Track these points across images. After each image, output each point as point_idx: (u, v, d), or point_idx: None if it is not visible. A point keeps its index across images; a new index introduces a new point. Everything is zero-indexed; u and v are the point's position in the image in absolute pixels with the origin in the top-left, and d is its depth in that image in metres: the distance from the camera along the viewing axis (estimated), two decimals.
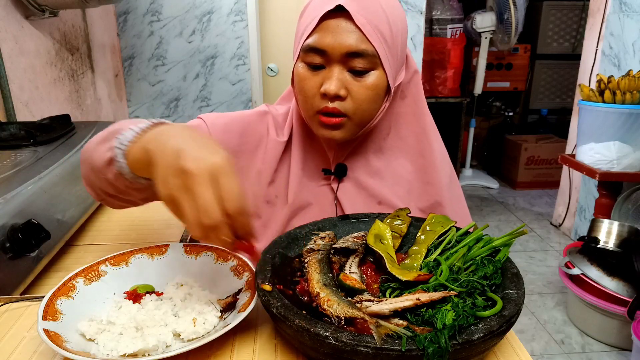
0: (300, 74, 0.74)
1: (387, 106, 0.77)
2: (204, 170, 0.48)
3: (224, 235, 0.49)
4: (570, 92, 4.22)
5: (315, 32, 0.70)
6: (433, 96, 3.38)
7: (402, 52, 0.77)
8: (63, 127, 1.29)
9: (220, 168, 0.49)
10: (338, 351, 0.46)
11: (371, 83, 0.72)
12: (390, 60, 0.73)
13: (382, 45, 0.70)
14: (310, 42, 0.71)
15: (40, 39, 1.87)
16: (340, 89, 0.70)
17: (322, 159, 0.83)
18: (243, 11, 2.77)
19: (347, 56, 0.70)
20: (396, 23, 0.73)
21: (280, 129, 0.86)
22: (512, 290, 0.54)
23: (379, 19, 0.70)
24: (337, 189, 0.82)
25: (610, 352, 1.97)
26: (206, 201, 0.47)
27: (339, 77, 0.71)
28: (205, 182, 0.48)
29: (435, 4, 3.37)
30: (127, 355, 0.51)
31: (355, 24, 0.68)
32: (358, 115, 0.73)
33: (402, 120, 0.85)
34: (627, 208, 2.17)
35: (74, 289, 0.60)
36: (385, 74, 0.72)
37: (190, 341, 0.54)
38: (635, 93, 1.91)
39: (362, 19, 0.68)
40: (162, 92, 2.90)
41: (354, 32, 0.69)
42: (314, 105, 0.73)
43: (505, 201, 3.64)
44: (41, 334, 0.50)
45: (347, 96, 0.72)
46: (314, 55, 0.71)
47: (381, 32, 0.70)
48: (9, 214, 0.80)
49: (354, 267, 0.61)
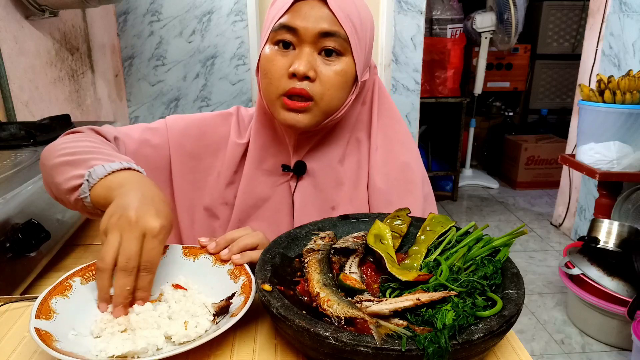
0: (267, 56, 0.73)
1: (353, 99, 0.77)
2: (141, 226, 0.57)
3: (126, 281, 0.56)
4: (570, 92, 4.22)
5: (287, 14, 0.71)
6: (433, 96, 3.38)
7: (369, 51, 0.77)
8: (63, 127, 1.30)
9: (153, 231, 0.57)
10: (338, 351, 0.46)
11: (341, 69, 0.72)
12: (359, 50, 0.73)
13: (353, 33, 0.71)
14: (282, 22, 0.71)
15: (40, 39, 1.87)
16: (310, 69, 0.70)
17: (283, 155, 0.83)
18: (243, 11, 2.77)
19: (319, 36, 0.70)
20: (365, 20, 0.74)
21: (244, 130, 0.86)
22: (512, 290, 0.54)
23: (351, 9, 0.72)
24: (294, 188, 0.82)
25: (610, 352, 1.97)
26: (130, 247, 0.56)
27: (309, 59, 0.70)
28: (136, 235, 0.56)
29: (435, 4, 3.36)
30: (116, 356, 0.51)
31: (329, 9, 0.70)
32: (325, 101, 0.73)
33: (360, 127, 0.84)
34: (627, 208, 2.17)
35: (70, 288, 0.60)
36: (354, 62, 0.73)
37: (181, 344, 0.54)
38: (635, 93, 1.91)
39: (335, 5, 0.70)
40: (162, 92, 2.90)
41: (327, 15, 0.70)
42: (280, 87, 0.72)
43: (505, 201, 3.64)
44: (32, 332, 0.50)
45: (315, 78, 0.71)
46: (284, 34, 0.71)
47: (352, 21, 0.71)
48: (9, 214, 0.80)
49: (354, 267, 0.61)
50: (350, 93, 0.76)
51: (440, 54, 3.33)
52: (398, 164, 0.83)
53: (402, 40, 2.91)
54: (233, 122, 0.86)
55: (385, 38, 2.88)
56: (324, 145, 0.81)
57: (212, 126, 0.85)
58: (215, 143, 0.85)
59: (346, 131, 0.82)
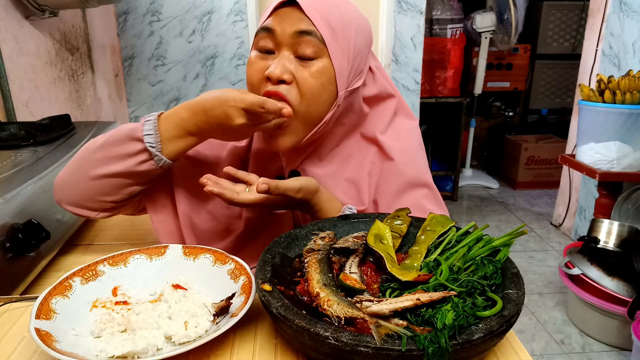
0: (250, 60, 0.75)
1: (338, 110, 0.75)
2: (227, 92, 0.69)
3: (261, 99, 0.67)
4: (570, 92, 4.22)
5: (269, 18, 0.73)
6: (433, 96, 3.38)
7: (359, 57, 0.76)
8: (63, 127, 1.29)
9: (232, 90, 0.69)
10: (338, 351, 0.46)
11: (316, 70, 0.71)
12: (339, 56, 0.72)
13: (330, 36, 0.71)
14: (262, 25, 0.73)
15: (40, 39, 1.87)
16: (285, 72, 0.70)
17: (279, 165, 0.83)
18: (243, 11, 2.77)
19: (296, 36, 0.70)
20: (349, 24, 0.74)
21: None
22: (512, 290, 0.54)
23: (331, 14, 0.72)
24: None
25: (610, 352, 1.97)
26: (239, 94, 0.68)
27: (285, 63, 0.71)
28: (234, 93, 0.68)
29: (435, 4, 3.36)
30: (116, 357, 0.51)
31: (305, 14, 0.71)
32: (303, 106, 0.72)
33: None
34: (627, 208, 2.17)
35: (70, 288, 0.60)
36: (333, 67, 0.72)
37: (181, 345, 0.54)
38: (635, 93, 1.91)
39: (313, 11, 0.71)
40: (162, 92, 2.90)
41: (303, 18, 0.71)
42: (259, 93, 0.72)
43: (505, 201, 3.64)
44: (32, 332, 0.50)
45: (292, 81, 0.71)
46: (265, 38, 0.72)
47: (331, 25, 0.71)
48: (9, 214, 0.80)
49: (354, 267, 0.61)
50: (333, 106, 0.74)
51: (440, 54, 3.33)
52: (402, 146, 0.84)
53: (402, 40, 2.91)
54: None
55: (385, 38, 2.88)
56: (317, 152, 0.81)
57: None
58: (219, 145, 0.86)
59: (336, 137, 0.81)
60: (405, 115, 0.87)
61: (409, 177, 0.82)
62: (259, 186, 0.67)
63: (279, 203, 0.72)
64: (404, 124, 0.86)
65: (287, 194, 0.70)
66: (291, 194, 0.70)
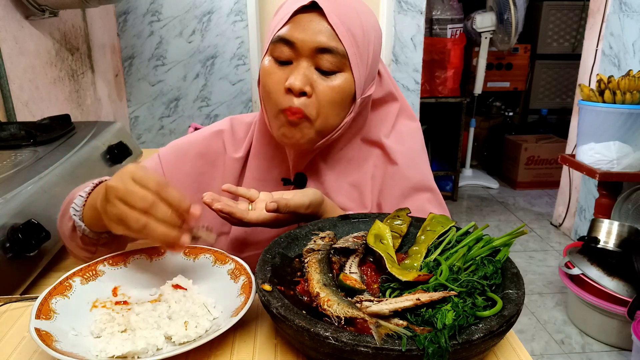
0: (266, 69, 0.72)
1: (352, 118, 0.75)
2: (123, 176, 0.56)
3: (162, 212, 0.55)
4: (570, 92, 4.22)
5: (287, 25, 0.69)
6: (433, 96, 3.38)
7: (374, 63, 0.75)
8: (63, 127, 1.29)
9: (130, 168, 0.57)
10: (338, 351, 0.46)
11: (338, 85, 0.69)
12: (359, 66, 0.71)
13: (352, 48, 0.69)
14: (280, 34, 0.69)
15: (40, 39, 1.87)
16: (306, 84, 0.68)
17: (283, 167, 0.82)
18: (243, 11, 2.77)
19: (316, 52, 0.68)
20: (369, 32, 0.72)
21: (240, 142, 0.84)
22: (512, 290, 0.54)
23: (352, 22, 0.69)
24: None
25: (610, 352, 1.97)
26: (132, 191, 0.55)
27: (306, 73, 0.68)
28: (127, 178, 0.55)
29: (435, 4, 3.36)
30: (116, 357, 0.51)
31: (328, 22, 0.67)
32: (320, 119, 0.71)
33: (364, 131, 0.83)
34: (627, 208, 2.17)
35: (70, 288, 0.60)
36: (354, 79, 0.70)
37: (181, 345, 0.54)
38: (635, 93, 1.91)
39: (335, 18, 0.68)
40: (162, 92, 2.90)
41: (326, 29, 0.68)
42: (278, 103, 0.70)
43: (505, 201, 3.64)
44: (32, 332, 0.50)
45: (312, 94, 0.69)
46: (282, 47, 0.69)
47: (353, 35, 0.69)
48: (9, 214, 0.80)
49: (354, 267, 0.61)
50: (348, 113, 0.74)
51: (440, 54, 3.33)
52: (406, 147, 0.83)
53: (402, 40, 2.91)
54: (226, 138, 0.85)
55: (385, 38, 2.88)
56: (324, 155, 0.80)
57: (205, 146, 0.84)
58: (212, 160, 0.84)
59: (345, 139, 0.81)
60: (407, 116, 0.87)
61: (412, 181, 0.81)
62: (268, 205, 0.65)
63: (288, 220, 0.71)
64: (407, 125, 0.86)
65: (298, 211, 0.69)
66: (301, 211, 0.69)
